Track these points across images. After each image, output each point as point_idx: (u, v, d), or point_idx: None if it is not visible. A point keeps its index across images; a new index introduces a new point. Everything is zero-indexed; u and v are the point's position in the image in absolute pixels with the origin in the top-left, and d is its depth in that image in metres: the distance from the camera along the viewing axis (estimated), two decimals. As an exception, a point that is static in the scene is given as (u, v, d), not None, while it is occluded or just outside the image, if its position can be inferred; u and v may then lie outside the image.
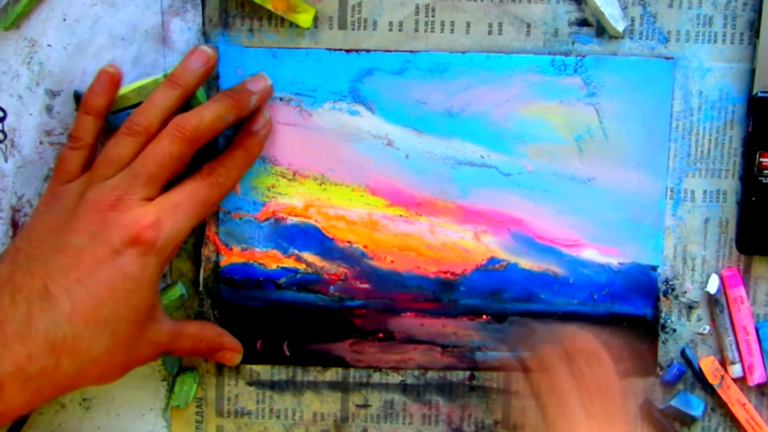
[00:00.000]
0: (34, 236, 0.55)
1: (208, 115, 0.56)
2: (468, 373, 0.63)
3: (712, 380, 0.61)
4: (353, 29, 0.60)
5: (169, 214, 0.54)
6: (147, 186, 0.54)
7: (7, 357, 0.51)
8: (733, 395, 0.61)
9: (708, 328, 0.62)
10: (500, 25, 0.60)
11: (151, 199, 0.54)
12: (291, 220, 0.62)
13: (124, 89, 0.59)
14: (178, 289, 0.62)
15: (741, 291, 0.61)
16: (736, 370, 0.61)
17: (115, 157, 0.55)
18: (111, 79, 0.58)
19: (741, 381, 0.62)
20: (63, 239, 0.54)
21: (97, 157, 0.57)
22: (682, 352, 0.62)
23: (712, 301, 0.61)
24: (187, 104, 0.58)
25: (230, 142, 0.59)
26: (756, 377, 0.61)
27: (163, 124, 0.56)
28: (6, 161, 0.61)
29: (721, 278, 0.61)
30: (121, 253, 0.53)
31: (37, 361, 0.51)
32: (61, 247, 0.53)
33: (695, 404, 0.62)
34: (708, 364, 0.62)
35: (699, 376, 0.62)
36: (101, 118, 0.58)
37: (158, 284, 0.55)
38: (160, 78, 0.59)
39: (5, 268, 0.54)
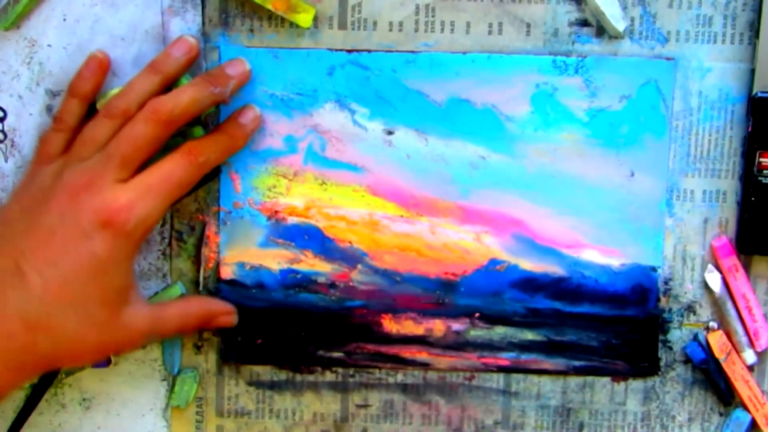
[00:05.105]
0: (8, 216, 0.56)
1: (185, 98, 0.55)
2: (468, 373, 0.63)
3: (719, 354, 0.61)
4: (353, 29, 0.60)
5: (141, 197, 0.54)
6: (121, 168, 0.54)
7: None
8: (737, 371, 0.61)
9: (716, 324, 0.62)
10: (500, 25, 0.60)
11: (124, 180, 0.54)
12: (292, 220, 0.61)
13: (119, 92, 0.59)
14: (178, 289, 0.62)
15: (734, 260, 0.61)
16: (749, 356, 0.61)
17: (90, 138, 0.56)
18: (99, 64, 0.58)
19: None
20: (36, 219, 0.54)
21: (75, 139, 0.57)
22: (695, 337, 0.62)
23: (714, 297, 0.61)
24: None
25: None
26: (763, 343, 0.61)
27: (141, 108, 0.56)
28: (6, 161, 0.61)
29: (712, 249, 0.61)
30: (90, 236, 0.53)
31: (16, 339, 0.53)
32: (33, 227, 0.54)
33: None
34: (716, 338, 0.61)
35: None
36: (87, 102, 0.58)
37: (132, 266, 0.55)
38: None
39: None
